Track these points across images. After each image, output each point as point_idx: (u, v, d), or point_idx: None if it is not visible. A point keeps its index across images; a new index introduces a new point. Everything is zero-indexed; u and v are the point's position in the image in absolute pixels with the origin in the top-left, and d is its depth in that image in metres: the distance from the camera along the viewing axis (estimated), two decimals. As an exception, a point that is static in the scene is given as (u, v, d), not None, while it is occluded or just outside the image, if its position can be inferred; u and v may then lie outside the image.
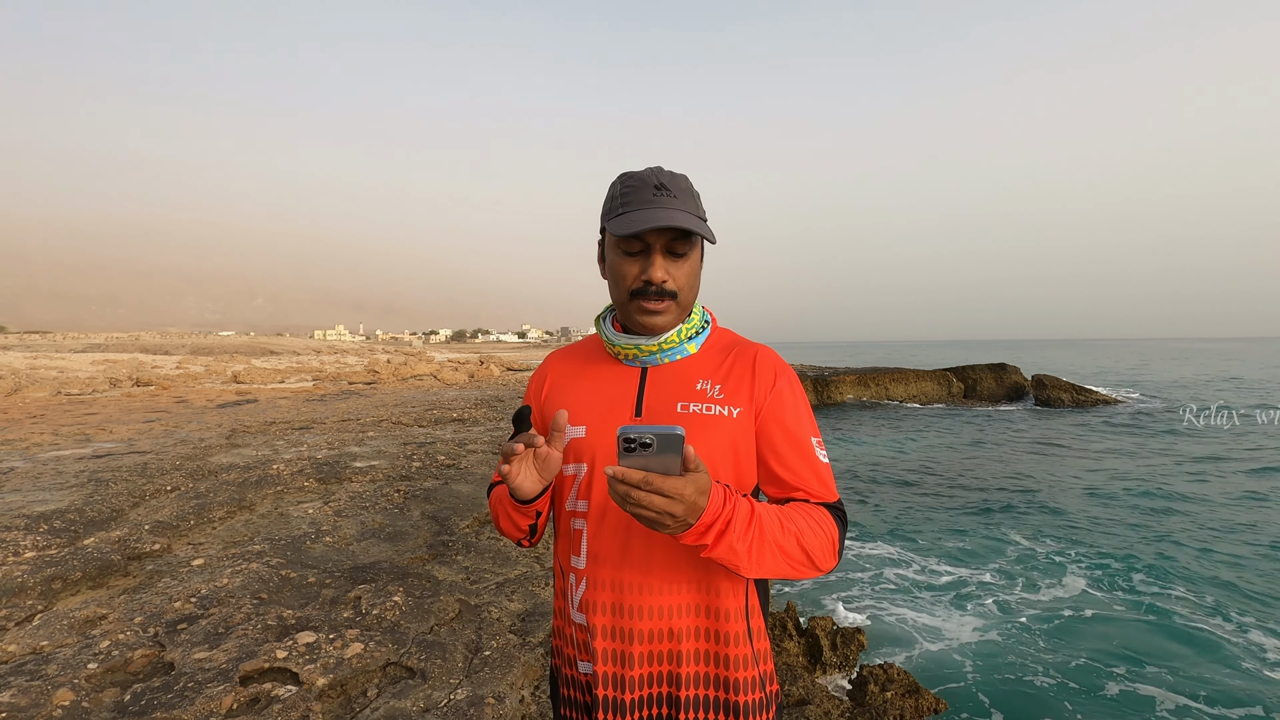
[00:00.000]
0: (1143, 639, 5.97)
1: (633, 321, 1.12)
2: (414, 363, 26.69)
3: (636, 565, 1.06)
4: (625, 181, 1.09)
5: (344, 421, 10.10)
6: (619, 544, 1.07)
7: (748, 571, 0.95)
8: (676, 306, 1.10)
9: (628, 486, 0.85)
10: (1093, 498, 11.36)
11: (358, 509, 4.92)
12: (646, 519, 0.87)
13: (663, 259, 1.07)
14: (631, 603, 1.05)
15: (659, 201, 1.04)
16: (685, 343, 1.14)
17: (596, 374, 1.17)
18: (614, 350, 1.16)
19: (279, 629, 2.88)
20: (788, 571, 0.98)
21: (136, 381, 17.25)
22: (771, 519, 0.97)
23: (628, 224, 1.03)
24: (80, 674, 2.48)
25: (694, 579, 1.06)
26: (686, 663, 1.06)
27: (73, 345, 34.19)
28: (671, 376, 1.13)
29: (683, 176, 1.11)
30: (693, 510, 0.86)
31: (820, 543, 1.00)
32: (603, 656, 1.06)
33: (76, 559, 3.63)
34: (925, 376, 29.06)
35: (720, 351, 1.16)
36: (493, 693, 2.47)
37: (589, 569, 1.08)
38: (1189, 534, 9.11)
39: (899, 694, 3.56)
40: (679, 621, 1.06)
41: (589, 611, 1.07)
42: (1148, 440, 17.70)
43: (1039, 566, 7.88)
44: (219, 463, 6.45)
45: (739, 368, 1.13)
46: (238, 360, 26.55)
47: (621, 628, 1.05)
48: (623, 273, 1.09)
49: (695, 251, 1.11)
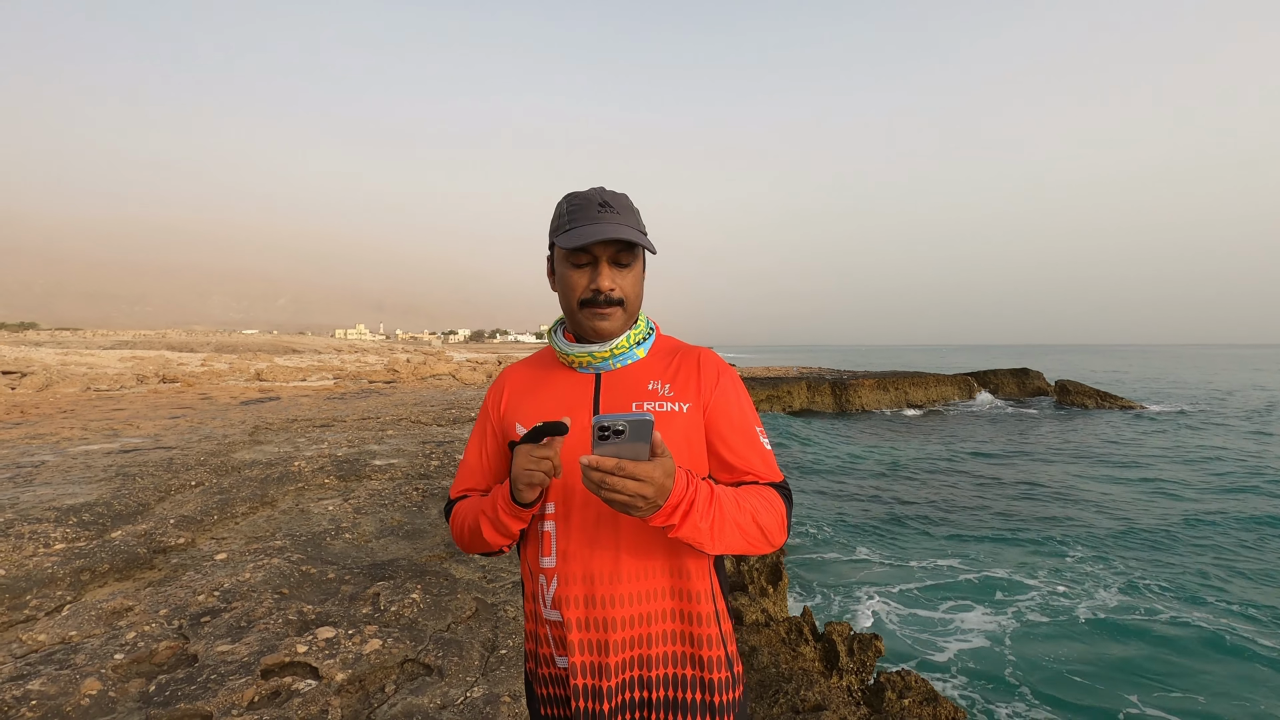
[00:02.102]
0: (1172, 655, 5.83)
1: (583, 329, 1.19)
2: (433, 362, 26.92)
3: (606, 556, 1.11)
4: (571, 201, 1.17)
5: (364, 420, 10.21)
6: (587, 539, 1.12)
7: (710, 548, 1.03)
8: (623, 313, 1.18)
9: (602, 473, 0.91)
10: (1116, 502, 11.14)
11: (377, 506, 4.98)
12: (620, 503, 0.94)
13: (609, 269, 1.15)
14: (603, 593, 1.10)
15: (603, 217, 1.13)
16: (634, 348, 1.21)
17: (553, 383, 1.24)
18: (567, 359, 1.22)
19: (299, 624, 2.92)
20: (745, 547, 1.07)
21: (163, 378, 17.59)
22: (729, 499, 1.06)
23: (576, 238, 1.11)
24: (107, 664, 2.53)
25: (662, 565, 1.13)
26: (658, 644, 1.12)
27: (102, 342, 34.93)
28: (624, 380, 1.20)
29: (624, 195, 1.20)
30: (661, 492, 0.94)
31: (772, 519, 1.09)
32: (579, 647, 1.11)
33: (104, 551, 3.71)
34: (946, 381, 28.70)
35: (666, 354, 1.25)
36: (509, 691, 2.49)
37: (559, 566, 1.13)
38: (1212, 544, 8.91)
39: (917, 701, 3.52)
40: (649, 606, 1.12)
41: (562, 606, 1.12)
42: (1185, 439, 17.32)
43: (1066, 577, 7.75)
44: (242, 459, 6.55)
45: (685, 368, 1.21)
46: (261, 358, 26.95)
47: (595, 618, 1.11)
48: (572, 283, 1.17)
49: (638, 263, 1.20)
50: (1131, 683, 5.21)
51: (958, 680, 5.19)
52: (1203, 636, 6.03)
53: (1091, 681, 5.20)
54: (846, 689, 3.70)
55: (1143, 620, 6.43)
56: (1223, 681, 5.24)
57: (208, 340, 39.75)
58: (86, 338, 41.53)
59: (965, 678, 5.24)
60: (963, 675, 5.27)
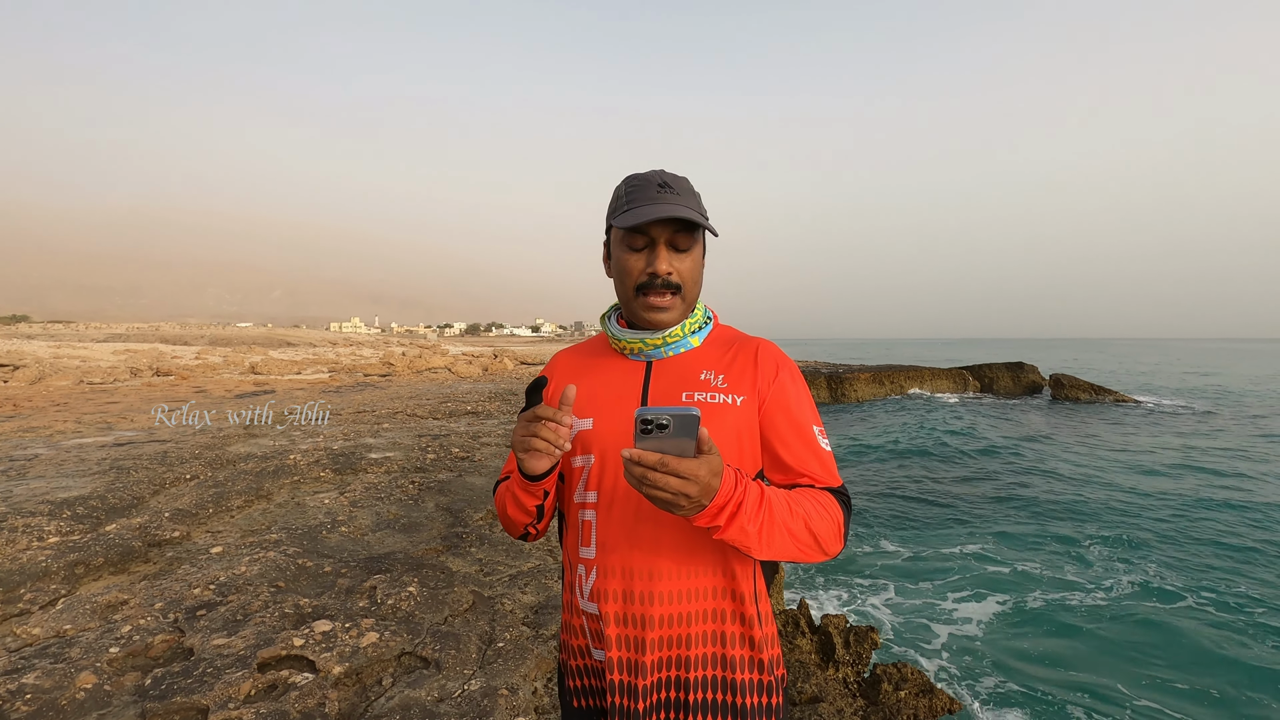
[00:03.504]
0: (1174, 643, 5.86)
1: (638, 318, 1.15)
2: (429, 356, 26.86)
3: (645, 551, 1.07)
4: (630, 182, 1.13)
5: (359, 413, 10.18)
6: (627, 531, 1.08)
7: (758, 553, 0.97)
8: (681, 302, 1.14)
9: (644, 468, 0.86)
10: (1113, 492, 11.22)
11: (373, 500, 4.97)
12: (662, 500, 0.88)
13: (667, 252, 1.10)
14: (641, 589, 1.07)
15: (662, 198, 1.08)
16: (689, 336, 1.17)
17: (603, 369, 1.20)
18: (619, 345, 1.19)
19: (296, 617, 2.91)
20: (795, 554, 1.01)
21: (157, 371, 17.51)
22: (780, 502, 0.99)
23: (633, 218, 1.07)
24: (102, 658, 2.52)
25: (703, 563, 1.08)
26: (697, 645, 1.08)
27: (95, 335, 34.75)
28: (676, 368, 1.15)
29: (684, 178, 1.15)
30: (707, 491, 0.88)
31: (827, 526, 1.03)
32: (616, 643, 1.08)
33: (99, 545, 3.69)
34: (941, 375, 28.80)
35: (723, 345, 1.20)
36: (506, 684, 2.48)
37: (599, 558, 1.10)
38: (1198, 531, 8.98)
39: (912, 693, 3.54)
40: (688, 606, 1.07)
41: (600, 600, 1.09)
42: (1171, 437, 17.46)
43: (1062, 567, 7.80)
44: (237, 452, 6.53)
45: (742, 359, 1.16)
46: (255, 351, 26.85)
47: (632, 614, 1.07)
48: (628, 267, 1.12)
49: (698, 247, 1.15)
50: (1129, 671, 5.26)
51: (953, 669, 5.23)
52: (1210, 626, 6.10)
53: (1091, 669, 5.24)
54: (843, 681, 3.71)
55: (1140, 606, 6.49)
56: (1229, 670, 5.30)
57: (202, 333, 39.58)
58: (79, 330, 41.30)
59: (960, 668, 5.27)
60: (958, 665, 5.31)
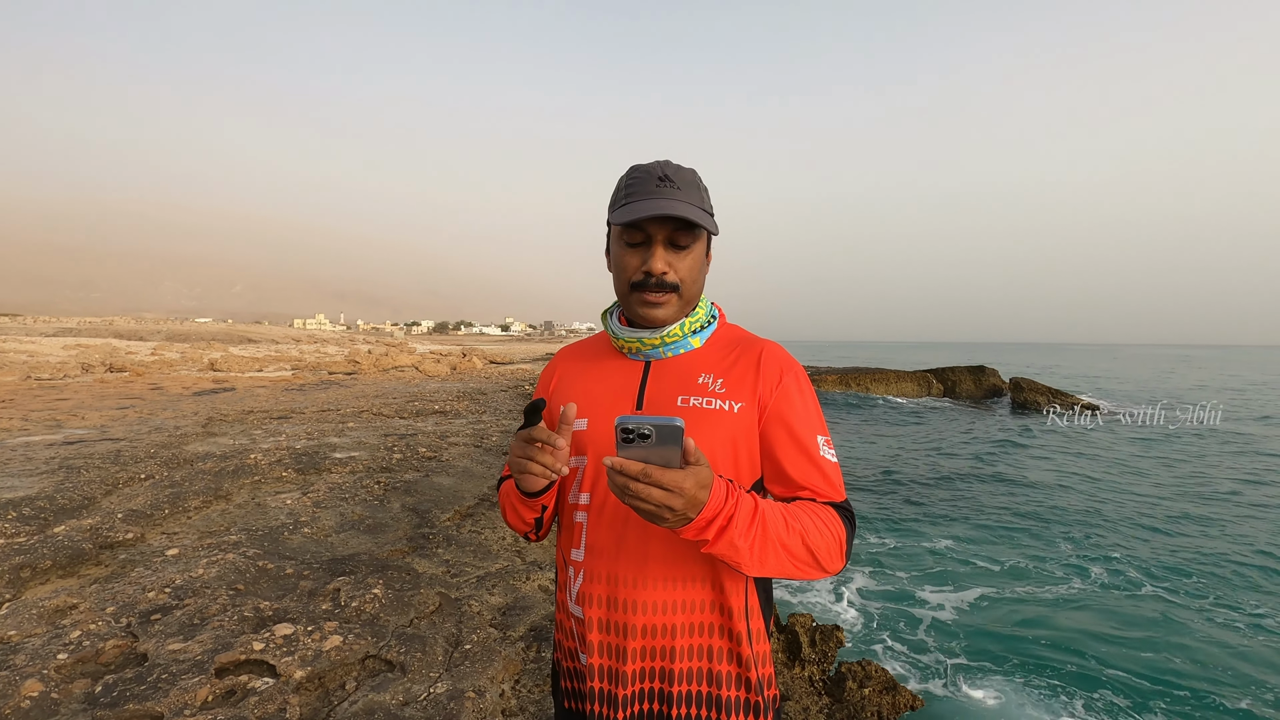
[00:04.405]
0: (1130, 631, 6.07)
1: (634, 314, 1.12)
2: (395, 354, 26.44)
3: (631, 559, 1.04)
4: (631, 174, 1.08)
5: (323, 412, 9.98)
6: (616, 537, 1.05)
7: (750, 570, 0.93)
8: (679, 300, 1.10)
9: (626, 478, 0.83)
10: (1070, 496, 11.57)
11: (337, 500, 4.87)
12: (645, 511, 0.85)
13: (664, 250, 1.06)
14: (625, 596, 1.04)
15: (661, 192, 1.04)
16: (689, 336, 1.12)
17: (601, 368, 1.17)
18: (618, 344, 1.16)
19: (256, 620, 2.84)
20: (792, 571, 0.96)
21: (110, 367, 16.92)
22: (776, 517, 0.95)
23: (629, 214, 1.03)
24: (49, 664, 2.42)
25: (691, 575, 1.04)
26: (681, 659, 1.04)
27: (44, 330, 33.39)
28: (674, 370, 1.12)
29: (690, 170, 1.10)
30: (693, 504, 0.85)
31: (827, 543, 0.98)
32: (598, 649, 1.05)
33: (46, 547, 3.56)
34: (906, 377, 29.37)
35: (725, 346, 1.15)
36: (473, 686, 2.46)
37: (586, 561, 1.08)
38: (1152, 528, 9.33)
39: (876, 690, 3.60)
40: (673, 617, 1.04)
41: (585, 604, 1.07)
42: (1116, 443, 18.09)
43: (1023, 563, 8.01)
44: (195, 451, 6.35)
45: (743, 363, 1.11)
46: (215, 348, 26.10)
47: (614, 621, 1.05)
48: (624, 264, 1.09)
49: (699, 244, 1.10)
50: (1099, 650, 5.46)
51: (920, 670, 5.33)
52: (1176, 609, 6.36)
53: (1048, 675, 5.39)
54: (809, 679, 3.76)
55: (1107, 596, 6.73)
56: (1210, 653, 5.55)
57: (158, 328, 38.31)
58: (27, 324, 39.63)
59: (926, 667, 5.38)
60: (924, 665, 5.41)
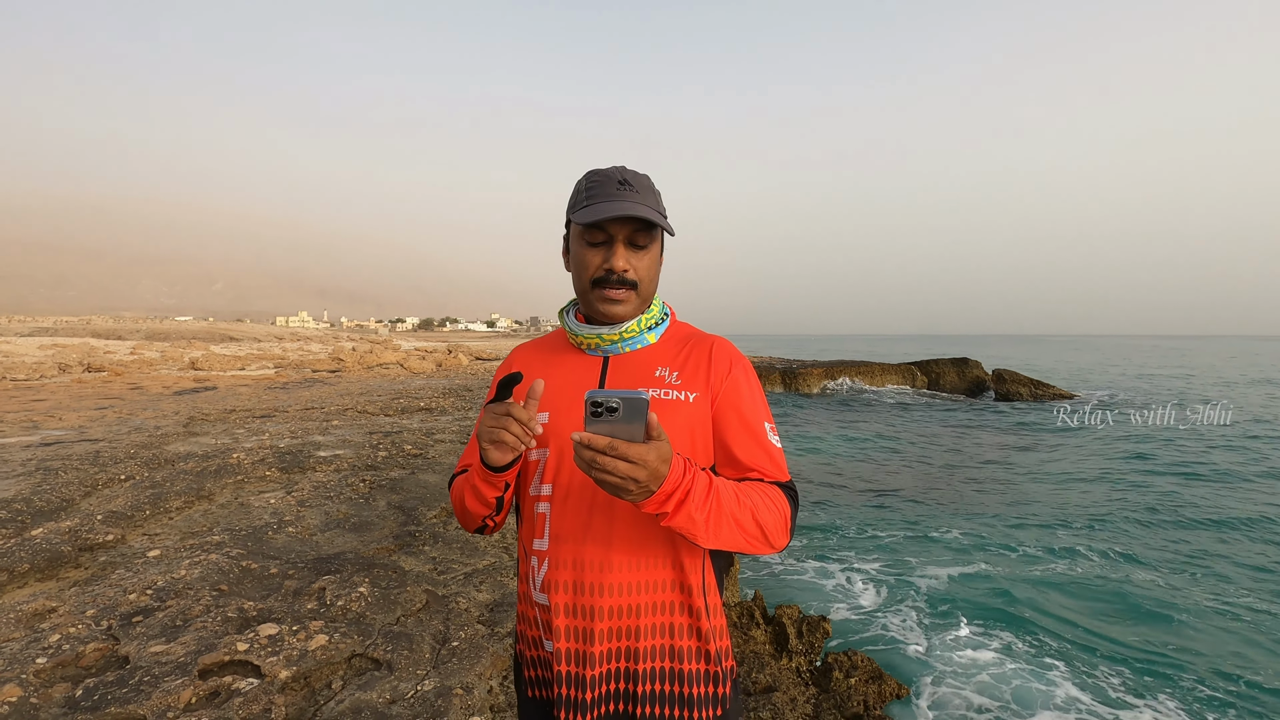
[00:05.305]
0: (1114, 622, 6.18)
1: (595, 311, 1.17)
2: (380, 351, 26.24)
3: (598, 542, 1.09)
4: (590, 177, 1.15)
5: (307, 410, 9.89)
6: (581, 523, 1.10)
7: (704, 541, 0.99)
8: (637, 297, 1.16)
9: (593, 452, 0.87)
10: (1041, 487, 11.74)
11: (322, 499, 4.83)
12: (611, 485, 0.89)
13: (624, 249, 1.13)
14: (592, 580, 1.08)
15: (622, 195, 1.10)
16: (645, 332, 1.19)
17: (560, 363, 1.22)
18: (577, 340, 1.21)
19: (240, 621, 2.81)
20: (743, 544, 1.02)
21: (88, 367, 16.65)
22: (729, 492, 1.01)
23: (592, 214, 1.09)
24: (28, 669, 2.39)
25: (654, 556, 1.10)
26: (645, 637, 1.10)
27: (18, 329, 32.75)
28: (632, 364, 1.18)
29: (645, 175, 1.17)
30: (655, 477, 0.89)
31: (774, 519, 1.05)
32: (565, 634, 1.09)
33: (24, 550, 3.50)
34: (890, 370, 29.61)
35: (679, 342, 1.22)
36: (460, 683, 2.46)
37: (551, 549, 1.12)
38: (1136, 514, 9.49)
39: (863, 680, 3.64)
40: (638, 598, 1.09)
41: (550, 590, 1.10)
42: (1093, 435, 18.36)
43: (1001, 553, 8.12)
44: (176, 451, 6.27)
45: (696, 356, 1.19)
46: (196, 346, 25.74)
47: (581, 605, 1.09)
48: (586, 262, 1.15)
49: (655, 245, 1.17)
50: (1081, 653, 5.55)
51: (905, 660, 5.39)
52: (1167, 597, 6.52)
53: (1031, 664, 5.48)
54: (796, 670, 3.79)
55: (1097, 576, 6.85)
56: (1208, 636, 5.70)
57: (137, 327, 37.70)
58: (0, 324, 38.88)
59: (911, 657, 5.44)
60: (909, 655, 5.48)
